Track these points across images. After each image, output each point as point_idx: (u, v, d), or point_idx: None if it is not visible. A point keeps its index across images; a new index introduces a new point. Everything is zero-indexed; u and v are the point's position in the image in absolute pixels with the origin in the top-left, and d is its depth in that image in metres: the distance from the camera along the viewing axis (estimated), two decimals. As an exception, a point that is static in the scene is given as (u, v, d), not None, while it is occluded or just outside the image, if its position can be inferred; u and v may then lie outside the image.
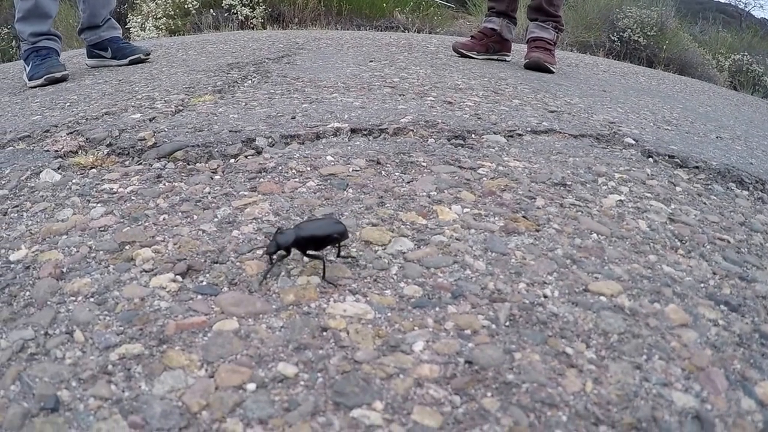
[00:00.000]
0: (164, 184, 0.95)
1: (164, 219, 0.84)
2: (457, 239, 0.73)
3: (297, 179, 0.90)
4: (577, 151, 1.05)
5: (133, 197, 0.94)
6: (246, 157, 1.02)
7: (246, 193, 0.88)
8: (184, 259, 0.72)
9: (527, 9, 2.34)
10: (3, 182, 1.11)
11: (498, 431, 0.48)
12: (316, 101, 1.32)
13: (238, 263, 0.69)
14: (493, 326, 0.59)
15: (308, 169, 0.93)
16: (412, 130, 1.09)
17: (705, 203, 0.92)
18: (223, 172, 0.97)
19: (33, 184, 1.10)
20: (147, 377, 0.56)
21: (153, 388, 0.54)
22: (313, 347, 0.56)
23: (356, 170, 0.92)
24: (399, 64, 1.96)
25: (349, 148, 1.02)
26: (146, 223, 0.85)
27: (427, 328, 0.58)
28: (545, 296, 0.65)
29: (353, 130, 1.10)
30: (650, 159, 1.05)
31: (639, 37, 5.15)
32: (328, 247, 0.71)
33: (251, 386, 0.52)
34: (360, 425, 0.48)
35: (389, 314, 0.60)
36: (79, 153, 1.24)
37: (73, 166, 1.17)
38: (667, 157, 1.06)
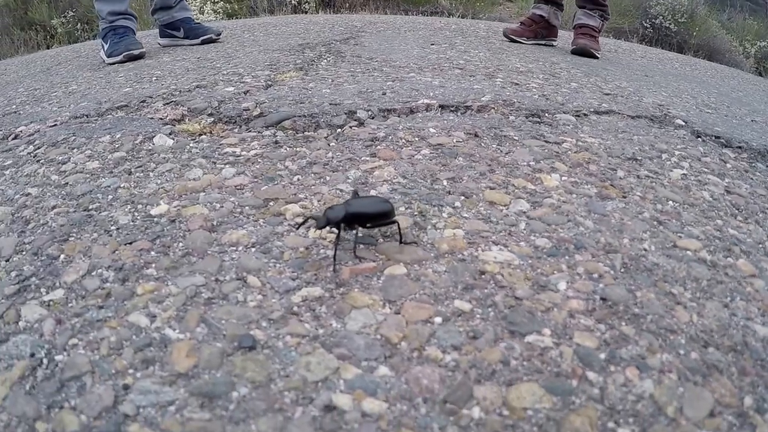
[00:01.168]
0: (285, 149, 1.01)
1: (299, 179, 0.90)
2: (564, 202, 0.82)
3: (410, 147, 0.97)
4: (638, 130, 1.12)
5: (259, 160, 0.99)
6: (351, 127, 1.08)
7: (367, 158, 0.95)
8: (335, 214, 0.79)
9: None
10: (116, 145, 1.15)
11: (639, 350, 0.57)
12: (398, 80, 1.38)
13: (388, 217, 0.77)
14: (612, 272, 0.68)
15: (416, 139, 1.00)
16: (494, 108, 1.16)
17: (752, 178, 1.00)
18: (336, 139, 1.04)
19: (150, 147, 1.14)
20: (336, 316, 0.59)
21: (346, 325, 0.58)
22: (478, 287, 0.64)
23: (459, 141, 0.99)
24: (458, 47, 1.99)
25: (445, 122, 1.08)
26: (283, 183, 0.90)
27: (564, 272, 0.67)
28: (645, 249, 0.74)
29: (441, 106, 1.16)
30: (699, 139, 1.13)
31: (670, 23, 5.11)
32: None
33: (438, 320, 0.58)
34: (536, 348, 0.56)
35: (530, 261, 0.68)
36: (184, 121, 1.28)
37: (183, 132, 1.21)
38: (713, 138, 1.13)
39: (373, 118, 1.12)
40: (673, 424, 0.50)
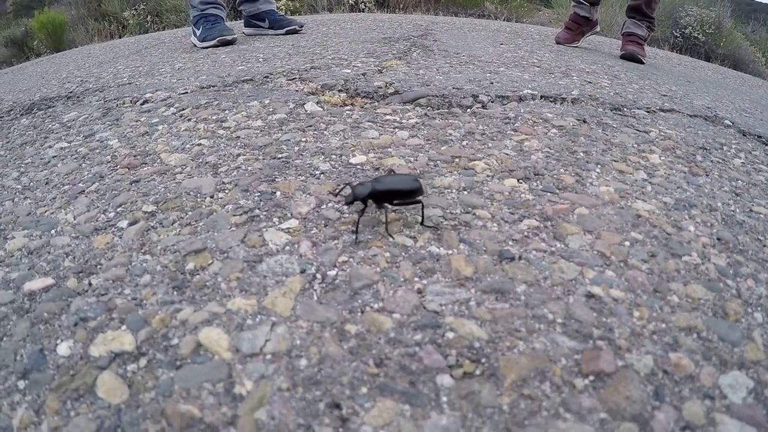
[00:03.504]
0: (439, 120, 1.21)
1: (467, 143, 1.09)
2: (669, 174, 1.06)
3: (541, 126, 1.19)
4: (699, 126, 1.36)
5: (422, 127, 1.17)
6: (478, 108, 1.29)
7: (511, 132, 1.15)
8: (513, 170, 0.99)
9: (627, 7, 2.58)
10: (270, 109, 1.29)
11: (750, 270, 0.82)
12: (493, 72, 1.58)
13: (555, 176, 0.97)
14: (717, 223, 0.93)
15: (540, 120, 1.22)
16: (584, 101, 1.39)
17: (790, 170, 1.28)
18: (475, 116, 1.24)
19: (308, 112, 1.29)
20: (557, 239, 0.75)
21: (568, 245, 0.74)
22: (641, 225, 0.87)
23: (575, 125, 1.21)
24: (524, 48, 2.19)
25: (554, 109, 1.31)
26: (457, 145, 1.06)
27: (688, 220, 0.91)
28: (733, 211, 0.99)
29: (542, 97, 1.39)
30: (745, 137, 1.37)
31: (698, 34, 5.39)
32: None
33: (627, 243, 0.79)
34: (691, 264, 0.79)
35: (665, 212, 0.92)
36: (321, 93, 1.43)
37: (326, 102, 1.37)
38: (756, 137, 1.37)
39: (492, 102, 1.33)
40: (782, 314, 0.76)
